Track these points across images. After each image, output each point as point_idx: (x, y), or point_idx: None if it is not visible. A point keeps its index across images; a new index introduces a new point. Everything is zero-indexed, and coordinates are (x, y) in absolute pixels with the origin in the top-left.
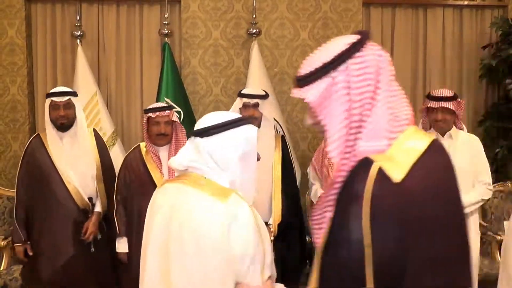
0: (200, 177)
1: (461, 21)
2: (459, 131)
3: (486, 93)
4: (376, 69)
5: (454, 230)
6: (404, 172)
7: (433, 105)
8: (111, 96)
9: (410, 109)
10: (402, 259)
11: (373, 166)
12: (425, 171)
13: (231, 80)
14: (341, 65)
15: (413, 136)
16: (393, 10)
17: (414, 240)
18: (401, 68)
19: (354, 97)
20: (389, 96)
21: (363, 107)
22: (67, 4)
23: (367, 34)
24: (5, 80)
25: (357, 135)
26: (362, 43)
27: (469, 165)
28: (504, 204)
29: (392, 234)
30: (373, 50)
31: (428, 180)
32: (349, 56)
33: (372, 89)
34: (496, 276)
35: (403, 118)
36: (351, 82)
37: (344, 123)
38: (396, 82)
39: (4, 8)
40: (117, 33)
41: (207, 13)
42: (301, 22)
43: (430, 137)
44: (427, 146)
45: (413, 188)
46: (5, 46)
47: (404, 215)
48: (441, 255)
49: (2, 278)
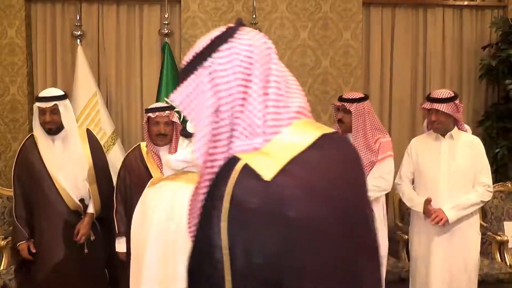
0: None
1: (461, 21)
2: (462, 132)
3: (486, 93)
4: (246, 61)
5: (344, 233)
6: (277, 168)
7: (427, 106)
8: (111, 96)
9: (303, 100)
10: (273, 267)
11: (238, 164)
12: (306, 166)
13: None
14: (206, 60)
15: (300, 130)
16: (393, 10)
17: (289, 244)
18: (401, 68)
19: (221, 94)
20: (267, 88)
21: (232, 104)
22: (67, 4)
23: (239, 23)
24: (5, 80)
25: (233, 132)
26: (230, 34)
27: (470, 167)
28: (504, 204)
29: (258, 238)
30: (243, 40)
31: (309, 177)
32: (213, 50)
33: (242, 84)
34: (496, 276)
35: (292, 111)
36: (216, 78)
37: (209, 123)
38: (285, 71)
39: (4, 8)
40: (117, 33)
41: (207, 13)
42: (301, 22)
43: (323, 130)
44: (314, 140)
45: (286, 185)
46: (5, 46)
47: (275, 216)
48: (323, 261)
49: (2, 278)
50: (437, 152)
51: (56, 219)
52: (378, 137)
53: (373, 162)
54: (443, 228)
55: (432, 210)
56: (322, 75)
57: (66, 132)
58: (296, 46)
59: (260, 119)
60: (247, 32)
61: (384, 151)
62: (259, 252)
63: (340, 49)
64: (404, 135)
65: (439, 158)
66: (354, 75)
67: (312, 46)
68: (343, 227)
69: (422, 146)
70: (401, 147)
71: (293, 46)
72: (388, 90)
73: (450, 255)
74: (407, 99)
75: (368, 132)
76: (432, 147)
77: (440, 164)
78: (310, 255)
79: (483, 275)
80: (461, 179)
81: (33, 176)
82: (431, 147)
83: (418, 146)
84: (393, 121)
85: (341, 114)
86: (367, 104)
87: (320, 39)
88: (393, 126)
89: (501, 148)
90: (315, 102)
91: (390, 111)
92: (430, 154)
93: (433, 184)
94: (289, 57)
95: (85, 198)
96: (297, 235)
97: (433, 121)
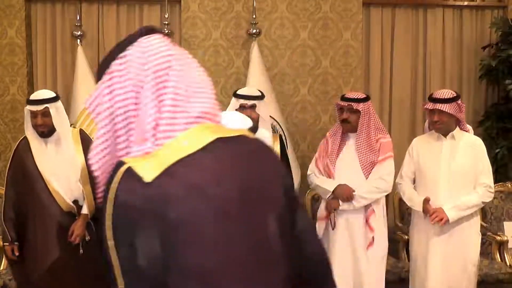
0: None
1: (461, 22)
2: (463, 132)
3: (486, 93)
4: (140, 68)
5: (229, 231)
6: (159, 170)
7: (429, 106)
8: None
9: (209, 105)
10: (156, 267)
11: (122, 168)
12: (191, 168)
13: (231, 80)
14: (108, 67)
15: (195, 135)
16: (393, 10)
17: (171, 245)
18: (401, 68)
19: (116, 98)
20: (162, 94)
21: (126, 109)
22: (67, 4)
23: (145, 30)
24: (5, 80)
25: (129, 138)
26: (130, 41)
27: (471, 167)
28: (504, 205)
29: (141, 239)
30: (140, 46)
31: (193, 177)
32: (113, 57)
33: (135, 89)
34: (496, 277)
35: (190, 116)
36: (113, 85)
37: (106, 129)
38: (191, 76)
39: (4, 8)
40: (117, 33)
41: (207, 13)
42: (301, 22)
43: (219, 134)
44: (205, 144)
45: (167, 186)
46: (5, 46)
47: (157, 217)
48: (208, 261)
49: (2, 278)
50: (438, 152)
51: (50, 220)
52: (378, 137)
53: (373, 162)
54: (443, 228)
55: (432, 209)
56: (322, 75)
57: (58, 134)
58: (296, 46)
59: (149, 124)
60: (148, 39)
61: (385, 151)
62: (142, 252)
63: (340, 49)
64: (404, 135)
65: (440, 158)
66: (354, 75)
67: (312, 46)
68: (229, 226)
69: (423, 146)
70: (401, 147)
71: (293, 46)
72: (388, 90)
73: (449, 255)
74: (407, 99)
75: (372, 132)
76: (433, 147)
77: (441, 164)
78: (193, 254)
79: (482, 275)
80: (461, 179)
81: (27, 178)
82: (432, 147)
83: (419, 146)
84: (393, 121)
85: (347, 114)
86: (370, 104)
87: (320, 39)
88: (393, 126)
89: (501, 148)
90: (315, 102)
91: (390, 111)
92: (431, 154)
93: (434, 184)
94: (289, 57)
95: (79, 199)
96: (179, 235)
97: (436, 121)
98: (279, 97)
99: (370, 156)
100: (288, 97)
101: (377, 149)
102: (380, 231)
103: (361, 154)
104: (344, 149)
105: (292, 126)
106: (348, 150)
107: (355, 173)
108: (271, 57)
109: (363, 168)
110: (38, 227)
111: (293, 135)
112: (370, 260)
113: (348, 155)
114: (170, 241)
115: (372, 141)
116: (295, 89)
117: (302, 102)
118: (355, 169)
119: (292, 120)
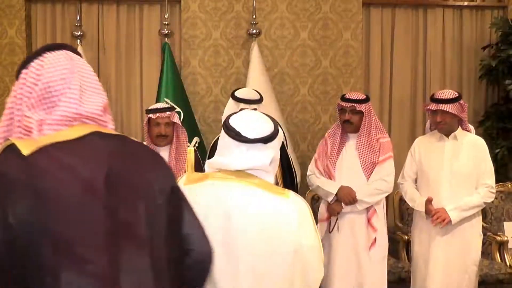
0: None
1: (461, 22)
2: (466, 132)
3: (486, 93)
4: (32, 83)
5: (94, 210)
6: (35, 148)
7: (433, 107)
8: (111, 96)
9: (96, 111)
10: (28, 235)
11: (6, 143)
12: (65, 150)
13: (231, 81)
14: (17, 79)
15: (76, 129)
16: (393, 10)
17: (40, 213)
18: (401, 69)
19: (15, 102)
20: (54, 98)
21: (19, 113)
22: (67, 4)
23: (51, 45)
24: (5, 80)
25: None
26: (31, 59)
27: (473, 168)
28: (504, 205)
29: (14, 206)
30: (32, 68)
31: (64, 157)
32: (22, 67)
33: (28, 96)
34: (496, 277)
35: (76, 117)
36: (16, 90)
37: (5, 122)
38: (87, 83)
39: (4, 8)
40: (117, 33)
41: (207, 13)
42: (301, 22)
43: (97, 130)
44: (83, 134)
45: (40, 161)
46: (5, 46)
47: (29, 187)
48: (66, 232)
49: None
50: (441, 152)
51: None
52: (378, 137)
53: (374, 162)
54: (444, 229)
55: (434, 210)
56: (322, 75)
57: None
58: (296, 46)
59: (33, 124)
60: (44, 58)
61: (384, 152)
62: (12, 214)
63: (340, 49)
64: (404, 135)
65: (442, 159)
66: (354, 75)
67: (312, 46)
68: (93, 202)
69: (425, 146)
70: (401, 147)
71: (293, 46)
72: (388, 90)
73: (451, 255)
74: (407, 99)
75: (372, 131)
76: (435, 148)
77: (443, 164)
78: (56, 222)
79: (483, 275)
80: (463, 180)
81: None
82: (434, 148)
83: (421, 146)
84: (393, 121)
85: (349, 115)
86: (370, 104)
87: (320, 39)
88: (393, 126)
89: (501, 149)
90: (315, 102)
91: (390, 111)
92: (434, 155)
93: (436, 184)
94: (289, 57)
95: None
96: (46, 204)
97: (439, 122)
98: (279, 97)
99: (371, 157)
100: (288, 97)
101: (378, 149)
102: (382, 231)
103: (362, 155)
104: (344, 150)
105: (292, 126)
106: (348, 151)
107: (355, 174)
108: (271, 57)
109: (364, 168)
110: None
111: (293, 135)
112: (372, 260)
113: (349, 156)
114: (37, 208)
115: (373, 141)
116: (295, 89)
117: (302, 102)
118: (356, 170)
119: (292, 120)
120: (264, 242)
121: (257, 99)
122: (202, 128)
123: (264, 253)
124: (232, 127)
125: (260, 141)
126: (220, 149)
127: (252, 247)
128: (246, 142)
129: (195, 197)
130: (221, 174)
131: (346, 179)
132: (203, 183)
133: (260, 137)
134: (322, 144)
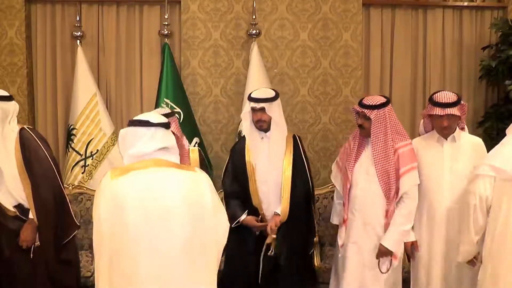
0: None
1: (461, 22)
2: (462, 132)
3: (485, 94)
4: None
5: None
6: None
7: (439, 112)
8: (111, 97)
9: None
10: None
11: None
12: None
13: (231, 81)
14: None
15: None
16: (393, 11)
17: None
18: (401, 69)
19: None
20: None
21: None
22: (67, 4)
23: None
24: (4, 80)
25: None
26: None
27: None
28: None
29: None
30: None
31: None
32: None
33: None
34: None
35: None
36: None
37: None
38: None
39: (4, 9)
40: (117, 34)
41: (207, 14)
42: (301, 23)
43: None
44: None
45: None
46: (5, 47)
47: None
48: None
49: None
50: (440, 154)
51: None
52: (398, 146)
53: (388, 171)
54: (444, 228)
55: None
56: (322, 75)
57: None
58: (296, 46)
59: None
60: None
61: (405, 163)
62: None
63: (340, 50)
64: None
65: (442, 161)
66: (354, 75)
67: (312, 47)
68: None
69: (424, 148)
70: None
71: (293, 47)
72: (388, 90)
73: (451, 255)
74: (407, 99)
75: (389, 137)
76: (434, 150)
77: (443, 166)
78: None
79: None
80: (464, 181)
81: None
82: (433, 150)
83: (419, 148)
84: None
85: (361, 120)
86: (388, 109)
87: (320, 39)
88: None
89: None
90: (315, 103)
91: None
92: (433, 157)
93: (437, 186)
94: (289, 58)
95: (24, 203)
96: None
97: (445, 127)
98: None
99: (386, 166)
100: (288, 98)
101: (394, 159)
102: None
103: (377, 163)
104: (362, 154)
105: (292, 127)
106: (365, 156)
107: (371, 181)
108: (271, 57)
109: (379, 176)
110: None
111: None
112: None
113: (366, 162)
114: None
115: (389, 150)
116: (295, 90)
117: (302, 102)
118: (371, 177)
119: (292, 121)
120: (188, 207)
121: (266, 98)
122: (202, 128)
123: (192, 220)
124: (136, 119)
125: (161, 125)
126: (131, 142)
127: (182, 215)
128: (151, 126)
129: (124, 189)
130: (140, 164)
131: (362, 186)
132: (128, 174)
133: (162, 122)
134: (345, 145)
